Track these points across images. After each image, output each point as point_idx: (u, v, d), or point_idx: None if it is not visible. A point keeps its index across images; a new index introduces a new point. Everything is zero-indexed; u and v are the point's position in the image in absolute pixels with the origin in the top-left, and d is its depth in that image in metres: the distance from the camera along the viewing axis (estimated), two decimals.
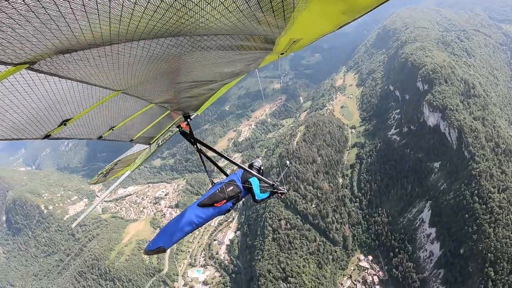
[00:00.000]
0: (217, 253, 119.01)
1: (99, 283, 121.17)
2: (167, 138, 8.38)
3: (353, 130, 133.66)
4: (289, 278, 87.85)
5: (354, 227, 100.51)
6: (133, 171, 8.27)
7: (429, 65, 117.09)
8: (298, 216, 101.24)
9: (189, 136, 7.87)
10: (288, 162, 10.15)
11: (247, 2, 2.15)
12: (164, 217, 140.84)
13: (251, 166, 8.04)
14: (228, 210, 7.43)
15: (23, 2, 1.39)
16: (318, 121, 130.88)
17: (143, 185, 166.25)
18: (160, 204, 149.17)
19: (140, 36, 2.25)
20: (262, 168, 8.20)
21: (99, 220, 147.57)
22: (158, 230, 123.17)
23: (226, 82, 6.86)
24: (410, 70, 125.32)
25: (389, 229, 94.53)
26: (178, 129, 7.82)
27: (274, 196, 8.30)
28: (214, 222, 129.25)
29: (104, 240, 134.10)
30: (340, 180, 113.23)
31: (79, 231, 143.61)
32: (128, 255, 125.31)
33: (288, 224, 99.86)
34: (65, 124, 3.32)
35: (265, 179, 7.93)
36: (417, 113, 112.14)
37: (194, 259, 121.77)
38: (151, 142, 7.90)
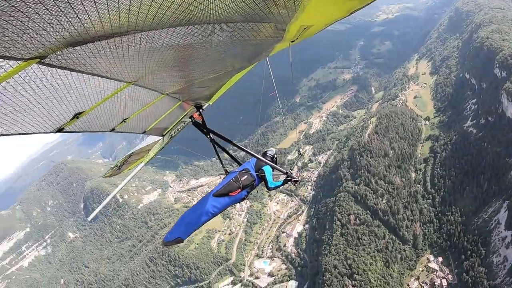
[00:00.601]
0: (284, 246, 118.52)
1: (168, 269, 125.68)
2: (180, 129, 8.30)
3: (427, 122, 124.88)
4: (355, 275, 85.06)
5: (425, 226, 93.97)
6: (146, 163, 8.22)
7: (507, 50, 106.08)
8: (367, 211, 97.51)
9: (201, 126, 7.90)
10: (301, 150, 18.79)
11: None
12: (234, 208, 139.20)
13: (264, 154, 8.37)
14: (243, 199, 7.72)
15: None
16: (390, 113, 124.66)
17: (215, 177, 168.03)
18: None
19: (150, 26, 2.25)
20: (275, 157, 8.49)
21: (171, 209, 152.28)
22: (227, 221, 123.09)
23: (237, 71, 6.82)
24: (486, 56, 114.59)
25: (462, 230, 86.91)
26: (190, 119, 7.89)
27: (288, 184, 8.42)
28: (283, 214, 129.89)
29: None
30: (413, 175, 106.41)
31: (152, 219, 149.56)
32: (197, 244, 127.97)
33: (357, 220, 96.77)
34: (77, 117, 3.36)
35: (278, 167, 8.22)
36: (495, 103, 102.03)
37: (262, 250, 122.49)
38: (164, 133, 7.96)
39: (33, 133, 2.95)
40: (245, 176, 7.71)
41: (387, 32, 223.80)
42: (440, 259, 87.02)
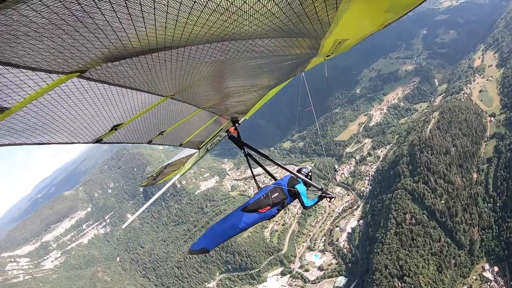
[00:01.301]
0: (337, 240, 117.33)
1: (220, 254, 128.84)
2: (215, 143, 8.86)
3: (492, 119, 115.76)
4: (405, 277, 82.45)
5: (484, 231, 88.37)
6: (182, 175, 8.80)
7: None
8: (424, 211, 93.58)
9: (237, 140, 8.06)
10: (337, 166, 10.52)
11: (289, 4, 2.19)
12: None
13: (299, 171, 8.27)
14: (273, 216, 7.64)
15: (71, 14, 1.45)
16: (454, 107, 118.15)
17: (272, 167, 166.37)
18: None
19: (186, 42, 2.31)
20: (310, 174, 8.42)
21: (227, 196, 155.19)
22: (281, 211, 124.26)
23: (273, 87, 6.86)
24: None
25: None
26: (226, 133, 8.08)
27: (322, 200, 8.41)
28: (338, 208, 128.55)
29: None
30: (475, 176, 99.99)
31: (208, 205, 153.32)
32: (250, 232, 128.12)
33: (413, 219, 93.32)
34: (115, 129, 3.50)
35: (313, 183, 8.22)
36: None
37: (314, 243, 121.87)
38: (200, 147, 8.38)
39: (73, 143, 3.07)
40: (276, 194, 7.62)
41: (452, 20, 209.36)
42: (496, 268, 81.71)
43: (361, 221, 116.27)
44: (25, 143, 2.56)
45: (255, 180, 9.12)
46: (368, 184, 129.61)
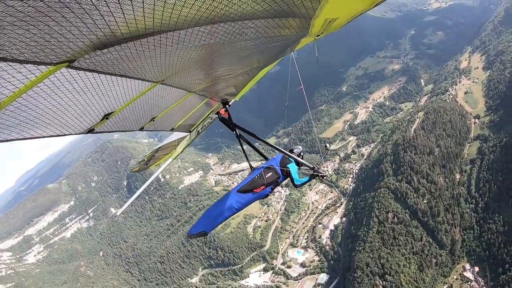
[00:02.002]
0: (320, 237, 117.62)
1: (203, 250, 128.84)
2: (206, 125, 8.69)
3: (476, 120, 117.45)
4: (387, 275, 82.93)
5: (465, 232, 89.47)
6: (174, 158, 8.67)
7: None
8: (407, 210, 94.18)
9: (228, 122, 8.01)
10: (327, 145, 10.32)
11: None
12: (273, 195, 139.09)
13: (291, 151, 8.47)
14: (267, 195, 7.80)
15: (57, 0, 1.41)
16: (439, 108, 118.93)
17: (257, 162, 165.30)
18: None
19: (175, 26, 2.29)
20: (302, 154, 8.64)
21: (211, 191, 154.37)
22: (264, 207, 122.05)
23: (263, 67, 6.89)
24: None
25: (503, 240, 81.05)
26: (217, 115, 8.05)
27: (315, 179, 8.53)
28: (322, 205, 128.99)
29: None
30: (457, 176, 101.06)
31: (191, 200, 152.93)
32: (233, 228, 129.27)
33: (395, 218, 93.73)
34: (107, 118, 3.47)
35: (305, 162, 8.44)
36: None
37: (297, 240, 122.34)
38: (191, 130, 8.37)
39: (64, 135, 3.05)
40: (270, 173, 7.73)
41: (440, 21, 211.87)
42: (477, 269, 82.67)
43: (344, 219, 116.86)
44: (17, 138, 2.53)
45: (248, 160, 9.11)
46: (351, 182, 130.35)
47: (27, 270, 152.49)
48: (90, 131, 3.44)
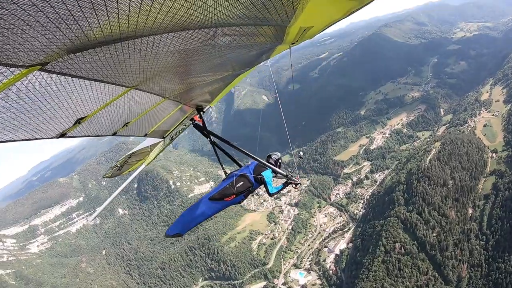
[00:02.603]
0: (324, 261, 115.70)
1: (205, 261, 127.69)
2: (180, 131, 8.68)
3: (493, 155, 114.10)
4: None
5: (473, 269, 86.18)
6: (147, 165, 8.63)
7: None
8: (415, 242, 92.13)
9: (202, 128, 8.14)
10: (301, 153, 9.77)
11: None
12: (281, 213, 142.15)
13: (269, 157, 8.66)
14: (240, 202, 8.01)
15: (31, 3, 1.41)
16: (456, 139, 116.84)
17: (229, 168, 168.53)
18: (280, 200, 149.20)
19: (150, 31, 2.30)
20: (280, 161, 8.78)
21: None
22: (272, 225, 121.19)
23: (238, 74, 6.92)
24: None
25: (511, 282, 78.15)
26: (191, 122, 8.20)
27: (288, 186, 8.60)
28: (329, 228, 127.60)
29: (220, 223, 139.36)
30: (470, 211, 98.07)
31: None
32: (238, 242, 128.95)
33: (402, 249, 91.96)
34: (79, 123, 3.44)
35: (279, 170, 8.41)
36: None
37: (300, 261, 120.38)
38: (165, 136, 8.19)
39: (36, 138, 3.02)
40: (241, 182, 7.86)
41: (464, 51, 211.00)
42: None
43: (350, 244, 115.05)
44: None
45: (222, 167, 8.99)
46: (362, 208, 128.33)
47: (29, 259, 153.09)
48: (62, 135, 3.40)
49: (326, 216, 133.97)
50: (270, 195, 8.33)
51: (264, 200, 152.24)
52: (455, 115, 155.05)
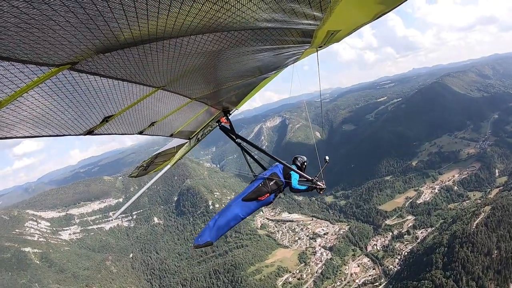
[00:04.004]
0: None
1: (227, 287, 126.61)
2: (206, 133, 8.71)
3: None
4: None
5: None
6: (172, 165, 8.41)
7: None
8: None
9: (229, 131, 8.17)
10: (327, 157, 9.38)
11: None
12: (314, 254, 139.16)
13: (295, 159, 8.81)
14: (271, 202, 8.11)
15: (62, 4, 1.45)
16: (508, 205, 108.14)
17: (308, 217, 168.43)
18: (315, 241, 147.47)
19: (178, 33, 2.34)
20: (305, 164, 8.90)
21: (254, 233, 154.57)
22: (301, 265, 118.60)
23: (265, 77, 6.95)
24: None
25: None
26: (217, 124, 8.18)
27: (312, 191, 8.58)
28: (360, 280, 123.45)
29: (249, 253, 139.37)
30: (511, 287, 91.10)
31: (232, 235, 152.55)
32: (264, 276, 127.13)
33: None
34: (107, 121, 3.56)
35: (304, 174, 8.50)
36: None
37: None
38: (191, 137, 8.38)
39: (64, 135, 3.14)
40: (273, 181, 7.94)
41: None
42: None
43: None
44: (16, 136, 2.60)
45: (251, 169, 8.82)
46: (397, 264, 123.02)
47: (58, 244, 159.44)
48: (89, 132, 3.49)
49: (359, 266, 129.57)
50: (292, 190, 8.34)
51: (299, 238, 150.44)
52: (510, 177, 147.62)
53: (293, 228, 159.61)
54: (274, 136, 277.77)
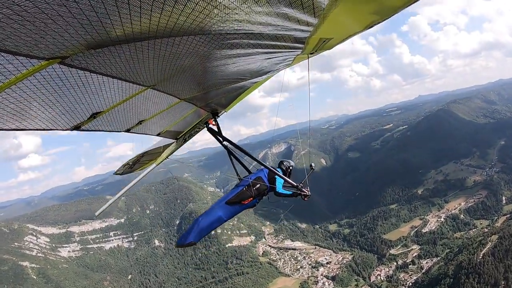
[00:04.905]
0: None
1: None
2: (193, 134, 8.80)
3: None
4: None
5: None
6: (158, 165, 8.74)
7: None
8: None
9: (216, 133, 8.35)
10: (313, 164, 9.46)
11: (279, 2, 2.28)
12: (315, 284, 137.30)
13: (280, 163, 8.86)
14: (254, 205, 8.21)
15: None
16: None
17: (310, 245, 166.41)
18: (318, 270, 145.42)
19: (170, 33, 2.34)
20: (291, 168, 8.81)
21: (255, 260, 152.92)
22: (280, 283, 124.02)
23: (255, 81, 6.99)
24: None
25: None
26: (205, 125, 8.38)
27: (297, 197, 8.42)
28: None
29: (250, 280, 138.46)
30: None
31: (233, 262, 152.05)
32: None
33: None
34: (94, 117, 3.56)
35: (289, 180, 8.37)
36: None
37: None
38: (178, 137, 8.51)
39: (50, 129, 3.14)
40: (258, 185, 7.99)
41: None
42: None
43: None
44: (1, 128, 2.59)
45: (236, 172, 8.84)
46: None
47: (56, 261, 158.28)
48: (76, 128, 3.47)
49: None
50: (276, 194, 8.25)
51: (301, 267, 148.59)
52: None
53: (295, 256, 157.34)
54: (278, 161, 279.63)
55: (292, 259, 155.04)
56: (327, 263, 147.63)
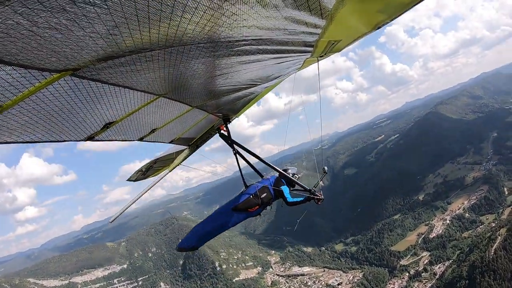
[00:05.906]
0: None
1: None
2: (205, 140, 8.92)
3: None
4: None
5: None
6: (170, 171, 8.92)
7: None
8: None
9: (227, 138, 8.52)
10: (326, 167, 9.52)
11: (283, 2, 2.30)
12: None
13: (285, 171, 8.56)
14: (258, 214, 8.16)
15: (65, 11, 1.48)
16: None
17: (319, 268, 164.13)
18: None
19: (180, 41, 2.38)
20: (296, 175, 8.73)
21: None
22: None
23: (266, 86, 6.99)
24: None
25: None
26: (217, 131, 8.59)
27: (310, 201, 8.33)
28: None
29: None
30: None
31: None
32: None
33: None
34: (107, 127, 3.60)
35: (301, 184, 8.58)
36: None
37: None
38: (190, 144, 8.61)
39: (64, 140, 3.16)
40: (264, 194, 8.00)
41: None
42: None
43: None
44: (16, 141, 2.62)
45: (243, 178, 8.77)
46: None
47: None
48: (90, 138, 3.51)
49: None
50: (288, 204, 8.14)
51: (314, 282, 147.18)
52: None
53: (305, 282, 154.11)
54: None
55: (303, 286, 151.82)
56: (338, 284, 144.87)
